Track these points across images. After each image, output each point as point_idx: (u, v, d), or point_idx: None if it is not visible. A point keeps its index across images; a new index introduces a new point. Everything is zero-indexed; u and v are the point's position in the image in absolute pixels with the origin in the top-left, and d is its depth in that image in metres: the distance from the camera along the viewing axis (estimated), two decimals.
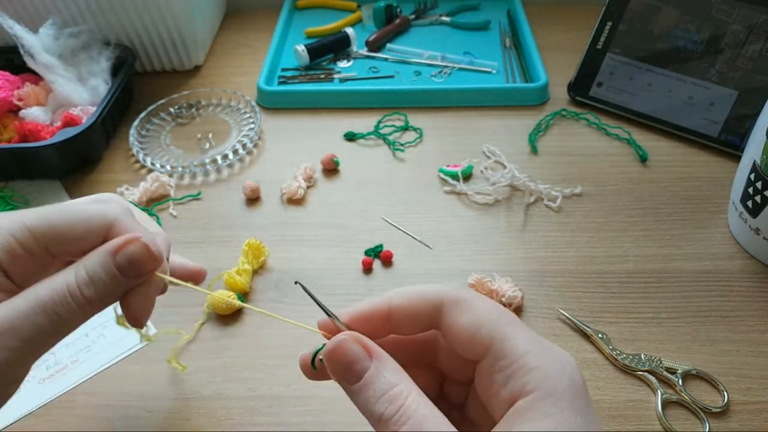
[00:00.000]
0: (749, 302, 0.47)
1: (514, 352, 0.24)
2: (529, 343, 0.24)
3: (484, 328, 0.24)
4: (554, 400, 0.22)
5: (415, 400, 0.23)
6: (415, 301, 0.26)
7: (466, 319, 0.25)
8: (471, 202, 0.57)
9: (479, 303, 0.25)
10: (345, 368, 0.25)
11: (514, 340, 0.24)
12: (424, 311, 0.26)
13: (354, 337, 0.25)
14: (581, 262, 0.51)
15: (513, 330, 0.24)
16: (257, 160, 0.64)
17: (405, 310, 0.27)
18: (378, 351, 0.25)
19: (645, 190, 0.58)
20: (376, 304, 0.27)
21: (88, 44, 0.67)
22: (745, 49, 0.59)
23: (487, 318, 0.25)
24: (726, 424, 0.40)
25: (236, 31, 0.85)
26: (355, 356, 0.25)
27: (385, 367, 0.25)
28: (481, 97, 0.69)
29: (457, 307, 0.26)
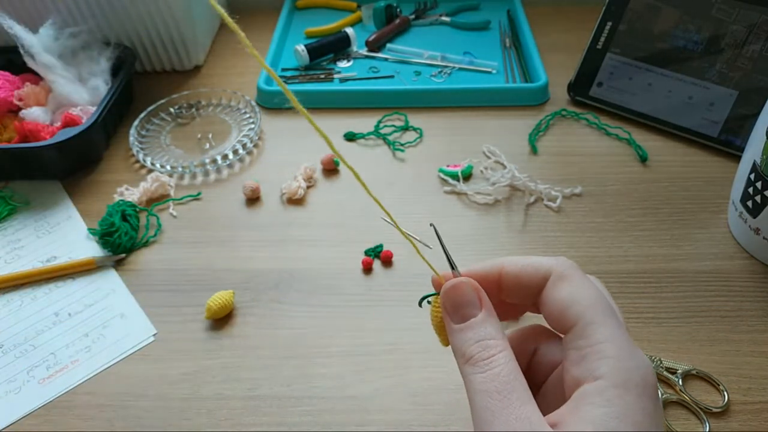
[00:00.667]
0: (749, 302, 0.47)
1: (594, 337, 0.24)
2: (613, 334, 0.24)
3: (576, 306, 0.25)
4: (621, 392, 0.22)
5: (507, 356, 0.25)
6: (526, 269, 0.27)
7: (564, 294, 0.26)
8: (471, 202, 0.57)
9: (582, 283, 0.26)
10: (456, 307, 0.27)
11: (600, 326, 0.24)
12: (533, 280, 0.27)
13: (472, 284, 0.27)
14: (581, 262, 0.51)
15: (603, 318, 0.24)
16: (257, 160, 0.64)
17: (516, 275, 0.28)
18: (488, 304, 0.27)
19: (645, 190, 0.58)
20: (489, 267, 0.28)
21: (88, 44, 0.67)
22: (745, 49, 0.59)
23: (583, 298, 0.25)
24: (726, 424, 0.40)
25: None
26: (469, 300, 0.27)
27: (490, 320, 0.26)
28: (481, 97, 0.69)
29: (561, 280, 0.26)
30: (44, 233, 0.56)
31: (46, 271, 0.51)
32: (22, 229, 0.56)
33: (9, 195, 0.59)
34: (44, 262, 0.53)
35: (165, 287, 0.50)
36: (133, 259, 0.53)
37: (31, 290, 0.51)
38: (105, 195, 0.59)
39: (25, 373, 0.45)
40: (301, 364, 0.44)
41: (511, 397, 0.23)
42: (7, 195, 0.59)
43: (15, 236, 0.56)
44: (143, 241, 0.54)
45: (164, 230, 0.56)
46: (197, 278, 0.51)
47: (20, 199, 0.59)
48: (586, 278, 0.27)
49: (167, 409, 0.42)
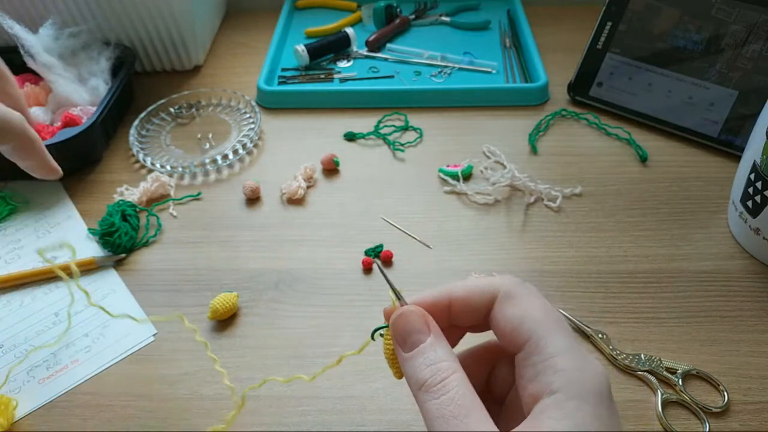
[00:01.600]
0: (749, 302, 0.47)
1: (547, 351, 0.24)
2: (565, 346, 0.24)
3: (526, 323, 0.26)
4: (578, 403, 0.23)
5: (459, 379, 0.25)
6: (473, 292, 0.28)
7: (513, 312, 0.26)
8: (471, 202, 0.57)
9: (529, 300, 0.27)
10: (405, 335, 0.27)
11: (551, 339, 0.25)
12: (481, 302, 0.28)
13: (418, 311, 0.28)
14: (581, 262, 0.51)
15: (553, 331, 0.25)
16: (257, 160, 0.64)
17: (464, 300, 0.28)
18: (436, 329, 0.27)
19: (645, 190, 0.58)
20: (437, 295, 0.29)
21: (88, 44, 0.67)
22: (745, 49, 0.59)
23: (531, 314, 0.26)
24: (726, 424, 0.40)
25: (236, 31, 0.85)
26: (416, 327, 0.27)
27: (440, 344, 0.26)
28: (481, 97, 0.69)
29: (509, 300, 0.27)
30: (44, 233, 0.56)
31: (46, 272, 0.51)
32: (22, 229, 0.56)
33: (9, 195, 0.59)
34: (44, 262, 0.53)
35: (165, 287, 0.50)
36: (133, 259, 0.53)
37: (31, 290, 0.51)
38: (105, 195, 0.59)
39: (25, 373, 0.45)
40: (301, 364, 0.44)
41: (468, 420, 0.24)
42: (7, 195, 0.59)
43: (15, 236, 0.56)
44: (143, 241, 0.54)
45: (164, 230, 0.56)
46: (197, 278, 0.51)
47: (20, 199, 0.59)
48: (532, 294, 0.27)
49: (167, 409, 0.42)
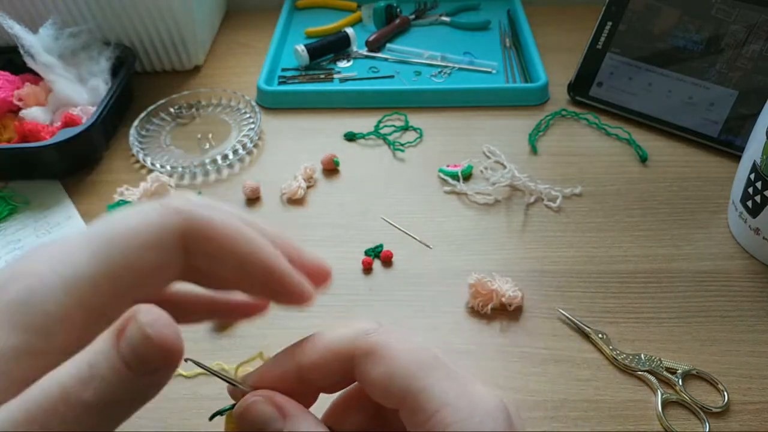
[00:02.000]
0: (749, 302, 0.47)
1: (429, 407, 0.21)
2: (447, 394, 0.21)
3: (396, 380, 0.22)
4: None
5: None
6: (325, 358, 0.23)
7: (378, 372, 0.22)
8: (471, 202, 0.57)
9: (394, 351, 0.22)
10: (258, 430, 0.23)
11: (430, 392, 0.21)
12: (337, 367, 0.23)
13: (265, 397, 0.23)
14: (581, 262, 0.51)
15: (429, 382, 0.22)
16: (257, 160, 0.64)
17: (314, 368, 0.24)
18: (291, 409, 0.23)
19: (645, 190, 0.58)
20: (282, 365, 0.24)
21: (88, 44, 0.67)
22: (745, 49, 0.59)
23: (400, 369, 0.22)
24: (726, 424, 0.40)
25: (236, 31, 0.85)
26: (268, 418, 0.23)
27: (301, 423, 0.22)
28: (481, 97, 0.69)
29: (369, 358, 0.22)
30: (44, 233, 0.56)
31: None
32: (22, 229, 0.56)
33: (9, 195, 0.59)
34: None
35: None
36: None
37: None
38: (105, 195, 0.59)
39: None
40: None
41: None
42: (7, 195, 0.59)
43: (15, 236, 0.56)
44: None
45: None
46: None
47: (20, 199, 0.59)
48: (395, 339, 0.23)
49: (167, 409, 0.42)
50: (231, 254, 0.22)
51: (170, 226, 0.21)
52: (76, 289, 0.19)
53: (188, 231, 0.21)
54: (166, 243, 0.21)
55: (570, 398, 0.42)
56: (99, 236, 0.20)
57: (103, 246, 0.20)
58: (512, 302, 0.47)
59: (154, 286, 0.21)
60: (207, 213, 0.22)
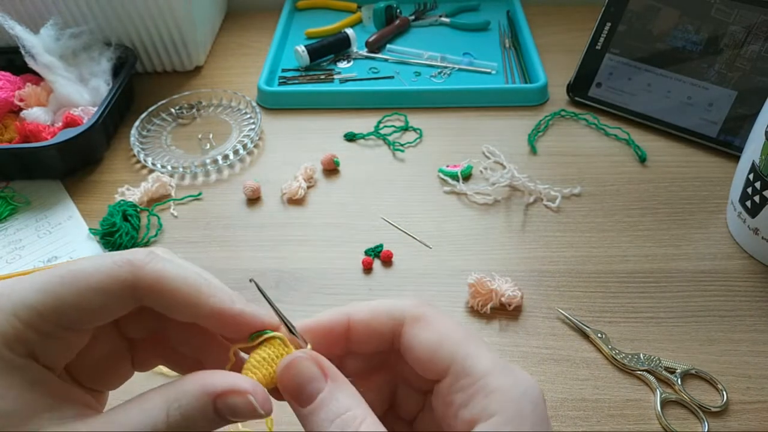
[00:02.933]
0: (748, 302, 0.47)
1: (475, 372, 0.22)
2: (492, 363, 0.23)
3: (445, 345, 0.23)
4: (517, 423, 0.21)
5: (371, 426, 0.22)
6: (376, 317, 0.25)
7: (427, 336, 0.24)
8: (471, 202, 0.58)
9: (440, 321, 0.24)
10: (298, 388, 0.23)
11: (476, 358, 0.23)
12: (385, 327, 0.25)
13: (310, 356, 0.24)
14: (581, 262, 0.51)
15: (476, 349, 0.23)
16: (258, 161, 0.64)
17: (365, 325, 0.25)
18: (334, 372, 0.24)
19: (644, 190, 0.58)
20: (335, 317, 0.26)
21: (89, 45, 0.67)
22: (744, 50, 0.59)
23: (449, 336, 0.24)
24: (725, 423, 0.40)
25: (237, 32, 0.86)
26: (310, 376, 0.23)
27: (341, 389, 0.23)
28: (480, 97, 0.69)
29: (418, 323, 0.24)
30: (45, 233, 0.56)
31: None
32: (23, 229, 0.56)
33: (10, 195, 0.59)
34: (45, 262, 0.53)
35: None
36: None
37: None
38: (106, 195, 0.59)
39: None
40: None
41: None
42: (8, 195, 0.59)
43: (16, 236, 0.56)
44: (144, 241, 0.55)
45: (165, 230, 0.56)
46: None
47: (21, 199, 0.59)
48: (440, 314, 0.25)
49: None
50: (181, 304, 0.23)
51: (119, 276, 0.22)
52: (23, 313, 0.21)
53: (138, 283, 0.23)
54: (112, 290, 0.22)
55: (569, 397, 0.42)
56: (54, 274, 0.22)
57: (53, 283, 0.22)
58: (512, 302, 0.47)
59: (100, 322, 0.23)
60: (160, 266, 0.23)
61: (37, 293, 0.22)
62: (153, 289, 0.23)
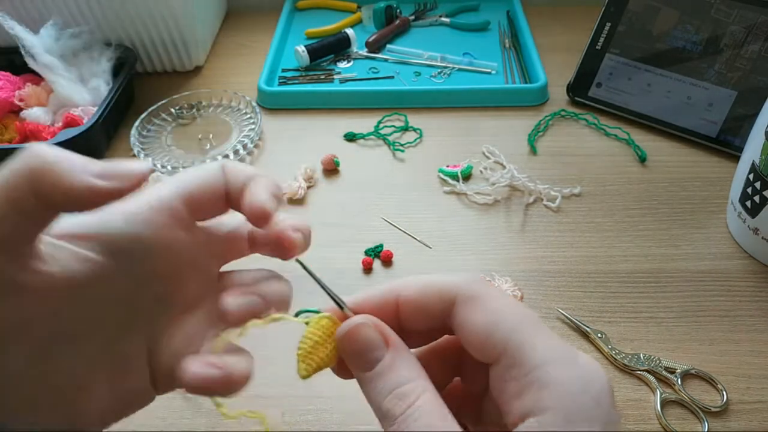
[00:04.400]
0: (748, 302, 0.47)
1: (530, 362, 0.21)
2: (551, 351, 0.21)
3: (500, 330, 0.21)
4: (572, 423, 0.19)
5: (428, 401, 0.21)
6: (427, 294, 0.24)
7: (481, 319, 0.22)
8: (471, 202, 0.58)
9: (497, 300, 0.22)
10: (359, 354, 0.23)
11: (532, 346, 0.21)
12: (436, 306, 0.23)
13: (373, 322, 0.23)
14: (581, 262, 0.51)
15: (533, 335, 0.21)
16: (258, 161, 0.64)
17: (415, 303, 0.24)
18: (396, 341, 0.23)
19: (644, 190, 0.58)
20: (384, 294, 0.25)
21: (89, 45, 0.67)
22: (744, 50, 0.59)
23: (504, 319, 0.22)
24: (725, 423, 0.40)
25: (236, 32, 0.86)
26: (372, 343, 0.23)
27: (402, 359, 0.22)
28: (480, 97, 0.69)
29: (472, 303, 0.22)
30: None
31: None
32: None
33: None
34: None
35: None
36: None
37: None
38: None
39: None
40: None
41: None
42: None
43: None
44: None
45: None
46: None
47: None
48: (498, 293, 0.23)
49: (167, 408, 0.42)
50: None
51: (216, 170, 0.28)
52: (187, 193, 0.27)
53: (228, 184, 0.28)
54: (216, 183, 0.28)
55: None
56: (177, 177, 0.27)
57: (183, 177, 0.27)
58: None
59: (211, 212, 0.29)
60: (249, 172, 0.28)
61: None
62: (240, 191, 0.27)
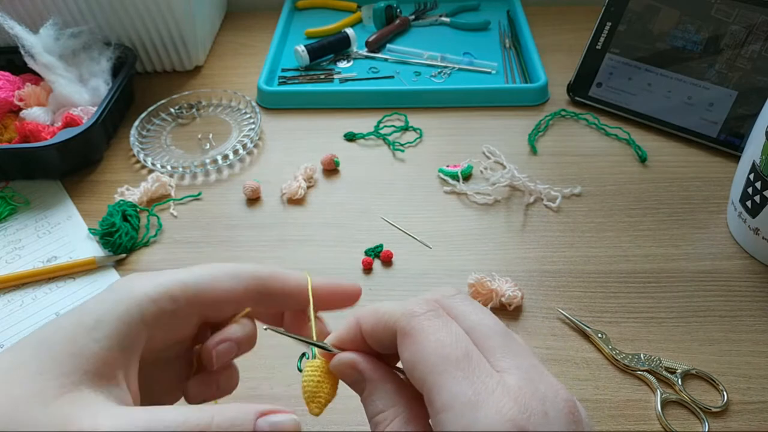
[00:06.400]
0: (748, 302, 0.47)
1: (434, 407, 0.21)
2: (452, 398, 0.21)
3: (418, 369, 0.22)
4: None
5: (397, 424, 0.23)
6: (378, 327, 0.25)
7: (407, 356, 0.23)
8: (471, 202, 0.57)
9: (426, 339, 0.23)
10: (350, 385, 0.26)
11: (440, 390, 0.21)
12: (386, 337, 0.25)
13: (347, 361, 0.26)
14: (581, 262, 0.51)
15: (445, 379, 0.21)
16: (257, 161, 0.64)
17: (371, 334, 0.26)
18: (371, 375, 0.25)
19: (644, 190, 0.58)
20: (350, 327, 0.27)
21: (88, 44, 0.67)
22: (744, 50, 0.59)
23: (423, 359, 0.22)
24: (725, 423, 0.40)
25: (236, 32, 0.85)
26: (351, 380, 0.26)
27: (377, 391, 0.25)
28: (480, 97, 0.69)
29: (405, 339, 0.23)
30: (45, 233, 0.56)
31: (46, 271, 0.51)
32: (23, 229, 0.56)
33: (9, 195, 0.59)
34: (45, 262, 0.53)
35: None
36: (134, 258, 0.53)
37: (31, 290, 0.51)
38: (105, 195, 0.59)
39: None
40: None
41: None
42: (8, 195, 0.59)
43: (15, 236, 0.56)
44: (144, 241, 0.54)
45: (165, 230, 0.56)
46: None
47: (21, 199, 0.59)
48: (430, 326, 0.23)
49: None
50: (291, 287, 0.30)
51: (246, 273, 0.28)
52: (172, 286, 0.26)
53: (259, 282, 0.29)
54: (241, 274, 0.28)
55: None
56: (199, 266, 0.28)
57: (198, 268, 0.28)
58: (512, 302, 0.47)
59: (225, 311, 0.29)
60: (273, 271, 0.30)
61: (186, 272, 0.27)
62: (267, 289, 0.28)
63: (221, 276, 0.27)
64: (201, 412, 0.22)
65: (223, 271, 0.27)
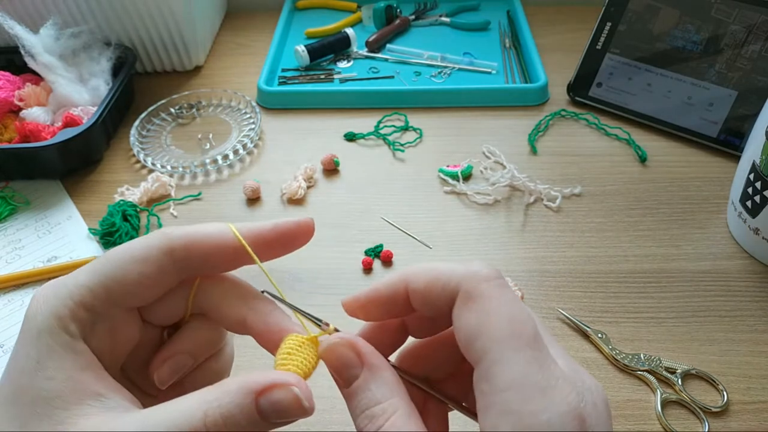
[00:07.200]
0: (748, 302, 0.47)
1: (498, 383, 0.20)
2: (522, 377, 0.19)
3: (482, 339, 0.20)
4: None
5: (399, 419, 0.21)
6: (433, 286, 0.23)
7: (469, 322, 0.21)
8: (471, 202, 0.57)
9: (491, 305, 0.21)
10: (336, 371, 0.24)
11: (505, 367, 0.20)
12: (441, 298, 0.23)
13: (348, 342, 0.24)
14: (581, 262, 0.51)
15: (512, 353, 0.20)
16: (257, 161, 0.64)
17: (422, 294, 0.23)
18: (370, 361, 0.23)
19: (644, 190, 0.58)
20: (395, 283, 0.24)
21: (88, 44, 0.67)
22: (744, 50, 0.59)
23: (490, 328, 0.20)
24: (725, 423, 0.40)
25: (236, 32, 0.85)
26: (346, 362, 0.23)
27: (375, 379, 0.23)
28: (480, 97, 0.69)
29: (469, 302, 0.21)
30: (45, 233, 0.56)
31: (46, 271, 0.51)
32: (23, 229, 0.56)
33: (10, 195, 0.59)
34: (45, 262, 0.53)
35: None
36: None
37: (31, 290, 0.51)
38: (106, 195, 0.59)
39: None
40: None
41: None
42: (8, 195, 0.59)
43: (16, 236, 0.56)
44: None
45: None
46: None
47: (21, 199, 0.59)
48: (500, 295, 0.21)
49: None
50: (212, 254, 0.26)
51: (153, 243, 0.25)
52: (77, 292, 0.24)
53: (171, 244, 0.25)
54: (152, 257, 0.24)
55: None
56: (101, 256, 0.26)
57: (100, 262, 0.24)
58: None
59: (146, 295, 0.25)
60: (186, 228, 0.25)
61: (87, 274, 0.24)
62: (185, 247, 0.25)
63: (128, 265, 0.24)
64: (191, 410, 0.21)
65: (130, 255, 0.24)
